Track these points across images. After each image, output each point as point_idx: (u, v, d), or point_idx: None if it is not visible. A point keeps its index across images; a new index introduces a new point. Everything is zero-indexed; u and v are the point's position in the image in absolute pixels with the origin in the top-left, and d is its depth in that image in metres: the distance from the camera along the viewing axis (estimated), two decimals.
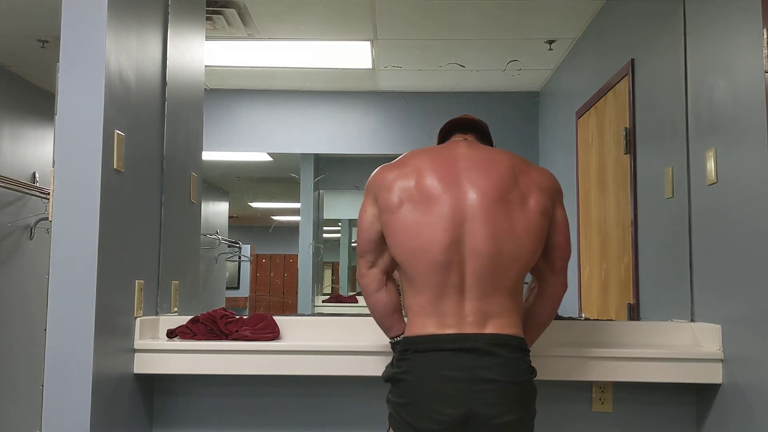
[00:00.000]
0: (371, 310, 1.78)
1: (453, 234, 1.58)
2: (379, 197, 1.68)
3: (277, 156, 3.95)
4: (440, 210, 1.59)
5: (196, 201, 2.70)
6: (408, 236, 1.61)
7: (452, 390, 1.54)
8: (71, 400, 1.86)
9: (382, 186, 1.67)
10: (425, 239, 1.59)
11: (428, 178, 1.62)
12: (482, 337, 1.57)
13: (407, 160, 1.69)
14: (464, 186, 1.61)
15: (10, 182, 3.88)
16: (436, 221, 1.59)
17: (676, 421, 2.23)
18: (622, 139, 2.83)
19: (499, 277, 1.59)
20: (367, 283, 1.75)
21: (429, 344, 1.58)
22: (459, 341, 1.56)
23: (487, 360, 1.55)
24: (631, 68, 2.76)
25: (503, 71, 3.33)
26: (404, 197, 1.62)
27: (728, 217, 2.03)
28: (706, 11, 2.20)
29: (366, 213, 1.72)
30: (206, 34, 2.93)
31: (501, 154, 1.69)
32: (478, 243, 1.57)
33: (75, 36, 1.95)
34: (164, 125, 2.38)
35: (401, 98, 3.67)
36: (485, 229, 1.58)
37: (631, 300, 2.69)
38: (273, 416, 2.30)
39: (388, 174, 1.68)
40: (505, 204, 1.60)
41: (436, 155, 1.69)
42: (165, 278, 2.36)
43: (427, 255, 1.58)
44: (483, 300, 1.58)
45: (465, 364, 1.55)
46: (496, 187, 1.60)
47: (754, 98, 1.88)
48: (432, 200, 1.60)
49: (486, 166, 1.64)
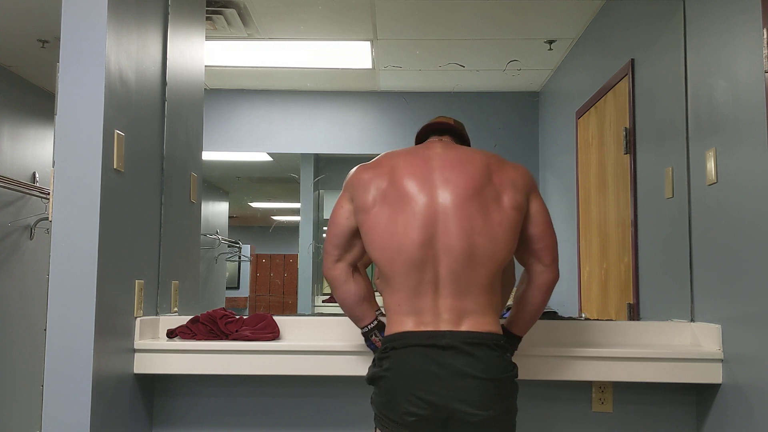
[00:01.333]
0: (341, 302, 1.80)
1: (426, 232, 1.60)
2: (355, 196, 1.71)
3: (277, 156, 3.95)
4: (413, 208, 1.61)
5: (196, 201, 2.70)
6: (382, 236, 1.64)
7: (429, 385, 1.56)
8: (71, 400, 1.86)
9: (359, 185, 1.70)
10: (399, 238, 1.61)
11: (402, 177, 1.65)
12: (457, 334, 1.58)
13: (383, 160, 1.73)
14: (437, 184, 1.64)
15: (10, 182, 3.88)
16: (410, 219, 1.61)
17: (676, 421, 2.23)
18: (622, 139, 2.83)
19: (473, 274, 1.60)
20: (334, 275, 1.77)
21: (406, 341, 1.60)
22: (435, 338, 1.58)
23: (463, 359, 1.56)
24: (631, 68, 2.76)
25: (503, 71, 3.33)
26: (378, 197, 1.65)
27: (728, 217, 2.03)
28: (706, 11, 2.20)
29: (341, 209, 1.75)
30: (206, 34, 2.93)
31: (475, 153, 1.72)
32: (452, 240, 1.60)
33: (75, 36, 1.95)
34: (164, 125, 2.38)
35: (401, 98, 3.67)
36: (458, 226, 1.60)
37: (631, 300, 2.69)
38: (273, 416, 2.30)
39: (364, 174, 1.71)
40: (479, 201, 1.62)
41: (410, 155, 1.72)
42: (165, 278, 2.36)
43: (402, 254, 1.61)
44: (458, 297, 1.60)
45: (442, 360, 1.56)
46: (470, 185, 1.63)
47: (754, 98, 1.88)
48: (405, 199, 1.63)
49: (460, 164, 1.67)
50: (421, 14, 3.27)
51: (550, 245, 1.75)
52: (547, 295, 1.76)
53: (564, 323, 2.31)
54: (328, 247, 1.77)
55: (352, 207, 1.72)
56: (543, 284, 1.75)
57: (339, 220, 1.75)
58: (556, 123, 3.56)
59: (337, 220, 1.75)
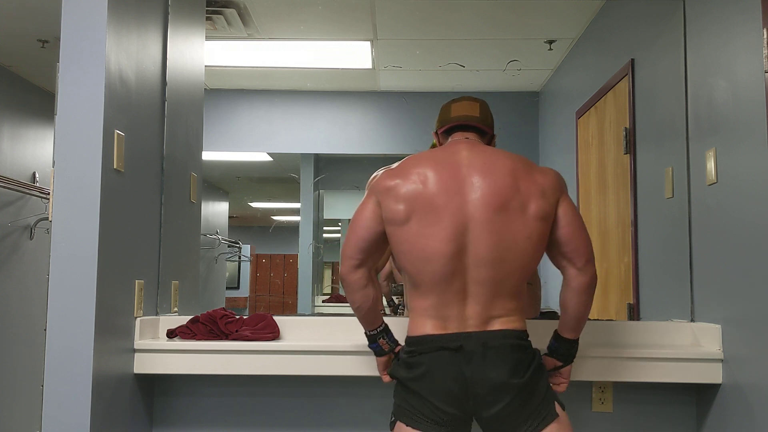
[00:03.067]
0: (357, 305, 1.76)
1: (456, 245, 1.60)
2: (383, 204, 1.67)
3: (277, 156, 3.96)
4: (444, 222, 1.61)
5: (196, 201, 2.70)
6: (413, 250, 1.64)
7: (460, 388, 1.59)
8: (71, 400, 1.86)
9: (387, 194, 1.66)
10: (430, 250, 1.61)
11: (433, 190, 1.63)
12: (483, 334, 1.61)
13: (410, 169, 1.68)
14: (467, 196, 1.62)
15: (10, 182, 3.87)
16: (440, 233, 1.60)
17: (676, 421, 2.23)
18: (622, 139, 2.83)
19: (501, 285, 1.62)
20: (354, 279, 1.73)
21: (434, 344, 1.61)
22: (461, 340, 1.60)
23: (490, 362, 1.59)
24: (631, 68, 2.76)
25: (503, 71, 3.33)
26: (410, 210, 1.63)
27: (728, 217, 2.03)
28: (706, 11, 2.20)
29: (368, 212, 1.70)
30: (206, 34, 2.93)
31: (502, 159, 1.68)
32: (480, 253, 1.60)
33: (75, 36, 1.95)
34: (164, 125, 2.38)
35: (401, 98, 3.67)
36: (488, 239, 1.60)
37: (631, 300, 2.69)
38: (273, 416, 2.30)
39: (391, 181, 1.67)
40: (507, 212, 1.61)
41: (439, 165, 1.67)
42: (165, 278, 2.36)
43: (432, 265, 1.61)
44: (485, 306, 1.63)
45: (469, 363, 1.59)
46: (498, 196, 1.61)
47: (754, 98, 1.88)
48: (436, 213, 1.61)
49: (488, 173, 1.64)
50: (421, 14, 3.27)
51: (581, 247, 1.70)
52: (584, 297, 1.71)
53: None
54: (350, 251, 1.71)
55: (379, 212, 1.68)
56: (578, 287, 1.70)
57: (365, 223, 1.70)
58: (556, 123, 3.57)
59: (364, 223, 1.70)
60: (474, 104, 1.82)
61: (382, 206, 1.67)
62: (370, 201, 1.70)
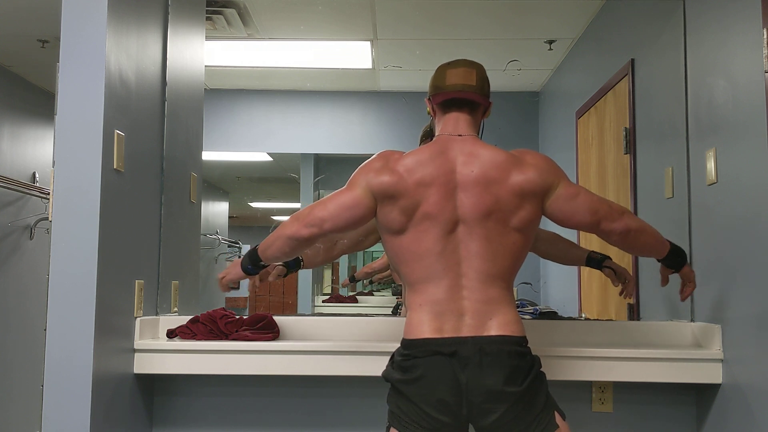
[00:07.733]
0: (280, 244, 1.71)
1: (449, 245, 1.63)
2: (380, 209, 1.66)
3: (277, 156, 3.96)
4: (438, 227, 1.62)
5: (196, 201, 2.70)
6: (406, 252, 1.66)
7: (454, 395, 1.57)
8: (71, 400, 1.86)
9: (388, 201, 1.64)
10: (423, 252, 1.63)
11: (427, 195, 1.62)
12: (480, 340, 1.59)
13: (402, 168, 1.65)
14: (459, 201, 1.63)
15: (10, 182, 3.88)
16: (433, 237, 1.62)
17: (676, 421, 2.23)
18: (622, 139, 2.82)
19: (493, 281, 1.63)
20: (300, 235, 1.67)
21: (429, 348, 1.60)
22: (457, 345, 1.59)
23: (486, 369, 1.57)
24: (631, 68, 2.76)
25: (503, 71, 3.33)
26: (408, 221, 1.64)
27: (728, 217, 2.03)
28: (706, 11, 2.20)
29: (354, 191, 1.66)
30: (206, 34, 2.92)
31: (495, 156, 1.66)
32: (472, 252, 1.62)
33: (75, 36, 1.95)
34: (164, 125, 2.38)
35: (401, 98, 3.67)
36: (479, 233, 1.62)
37: (631, 300, 2.68)
38: (273, 416, 2.30)
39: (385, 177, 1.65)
40: (497, 215, 1.63)
41: (432, 164, 1.65)
42: (165, 278, 2.36)
43: (424, 265, 1.63)
44: (479, 301, 1.62)
45: (464, 370, 1.57)
46: (489, 198, 1.63)
47: (754, 98, 1.88)
48: (431, 220, 1.63)
49: (480, 173, 1.64)
50: (422, 14, 3.27)
51: (607, 209, 1.69)
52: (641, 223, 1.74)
53: (564, 323, 2.31)
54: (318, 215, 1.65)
55: (373, 208, 1.65)
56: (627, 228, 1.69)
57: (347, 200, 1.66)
58: (556, 123, 3.57)
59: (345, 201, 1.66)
60: (470, 71, 1.76)
61: (378, 210, 1.67)
62: (367, 197, 1.66)
